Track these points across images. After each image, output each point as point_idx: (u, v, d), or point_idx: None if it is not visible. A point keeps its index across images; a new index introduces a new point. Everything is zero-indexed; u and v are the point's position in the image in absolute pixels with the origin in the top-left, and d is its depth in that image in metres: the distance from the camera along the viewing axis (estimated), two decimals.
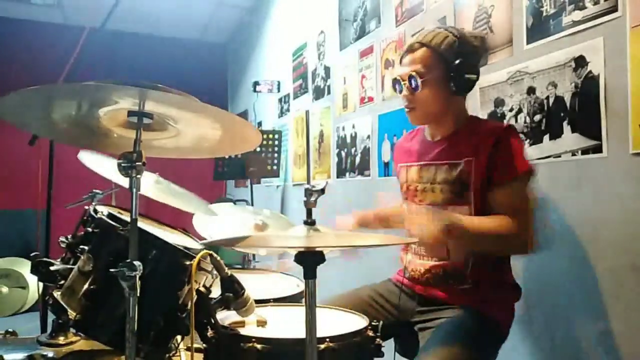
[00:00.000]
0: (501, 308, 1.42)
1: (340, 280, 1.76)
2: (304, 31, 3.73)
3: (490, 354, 1.38)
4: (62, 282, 1.22)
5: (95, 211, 1.26)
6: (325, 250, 0.93)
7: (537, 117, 1.66)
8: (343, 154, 3.08)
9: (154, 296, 1.14)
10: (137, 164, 1.03)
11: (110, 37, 5.09)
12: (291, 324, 1.21)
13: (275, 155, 3.83)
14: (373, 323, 1.15)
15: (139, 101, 1.02)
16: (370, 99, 2.75)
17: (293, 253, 0.93)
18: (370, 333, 1.12)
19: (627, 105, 1.37)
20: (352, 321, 1.21)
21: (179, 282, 1.20)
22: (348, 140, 3.01)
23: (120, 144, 1.18)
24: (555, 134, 1.59)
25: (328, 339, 1.03)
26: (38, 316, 2.24)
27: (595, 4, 1.46)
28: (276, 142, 3.83)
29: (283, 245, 1.07)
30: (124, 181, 1.06)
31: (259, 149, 3.72)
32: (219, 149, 1.39)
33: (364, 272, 1.66)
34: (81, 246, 1.20)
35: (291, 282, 1.75)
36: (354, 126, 2.94)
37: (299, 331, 0.98)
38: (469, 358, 1.27)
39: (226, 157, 3.72)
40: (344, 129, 3.07)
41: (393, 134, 2.51)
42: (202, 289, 1.18)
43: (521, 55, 1.72)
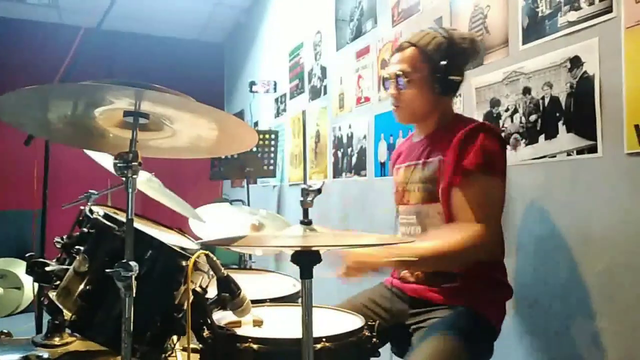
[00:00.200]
0: (492, 306, 1.42)
1: (336, 283, 1.75)
2: (301, 31, 3.73)
3: (482, 351, 1.39)
4: (58, 283, 1.22)
5: (91, 211, 1.26)
6: (323, 254, 0.93)
7: (533, 117, 1.66)
8: (339, 154, 3.09)
9: (150, 296, 1.14)
10: (133, 164, 1.03)
11: (107, 37, 5.08)
12: (287, 324, 1.21)
13: (272, 155, 3.83)
14: (369, 323, 1.15)
15: (135, 101, 1.02)
16: (367, 99, 2.75)
17: (289, 253, 0.93)
18: (367, 333, 1.12)
19: (622, 105, 1.37)
20: (349, 321, 1.21)
21: (175, 283, 1.20)
22: (344, 140, 3.01)
23: (116, 144, 1.18)
24: (551, 134, 1.59)
25: (324, 339, 1.03)
26: (33, 317, 2.23)
27: (591, 4, 1.46)
28: (272, 142, 3.83)
29: (279, 245, 1.07)
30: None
31: (255, 149, 3.72)
32: (215, 149, 1.38)
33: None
34: (77, 247, 1.19)
35: (287, 282, 1.75)
36: (350, 126, 2.94)
37: (295, 331, 0.98)
38: (459, 356, 1.28)
39: (222, 157, 3.71)
40: (340, 129, 3.07)
41: (389, 134, 2.52)
42: (199, 289, 1.18)
43: (517, 56, 1.73)
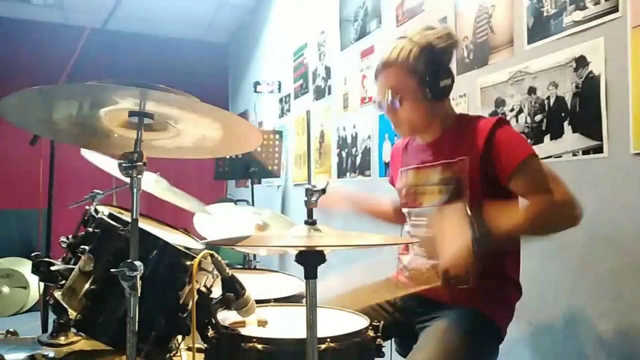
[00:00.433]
0: (501, 308, 1.41)
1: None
2: (305, 31, 3.73)
3: (487, 353, 1.38)
4: (63, 282, 1.22)
5: (96, 211, 1.26)
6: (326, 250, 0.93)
7: (538, 117, 1.66)
8: (344, 154, 3.08)
9: (154, 296, 1.14)
10: (138, 164, 1.04)
11: (112, 37, 5.10)
12: (292, 324, 1.21)
13: (276, 155, 3.84)
14: (374, 323, 1.15)
15: (139, 101, 1.02)
16: (371, 99, 2.74)
17: (294, 253, 0.93)
18: (371, 333, 1.12)
19: (628, 105, 1.36)
20: (353, 321, 1.21)
21: (180, 282, 1.20)
22: (349, 140, 3.01)
23: (121, 144, 1.18)
24: (556, 134, 1.59)
25: (329, 339, 1.03)
26: (39, 316, 2.25)
27: (596, 4, 1.46)
28: (277, 142, 3.83)
29: (284, 245, 1.07)
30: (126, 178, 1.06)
31: (259, 149, 3.72)
32: (219, 149, 1.38)
33: (363, 274, 1.67)
34: (82, 246, 1.20)
35: (292, 282, 1.75)
36: (354, 126, 2.94)
37: (299, 331, 0.98)
38: (464, 357, 1.27)
39: (227, 157, 3.72)
40: (344, 129, 3.07)
41: (394, 135, 2.51)
42: (203, 289, 1.18)
43: (522, 56, 1.72)
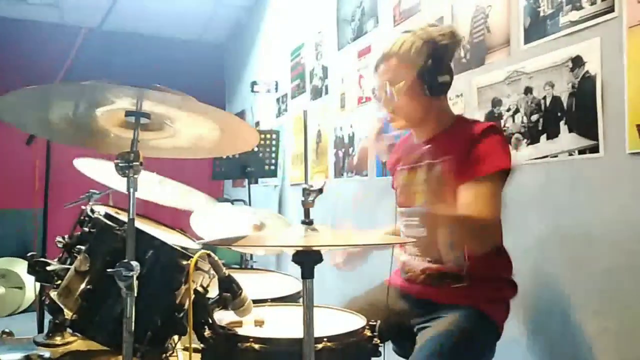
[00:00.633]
0: (497, 305, 1.42)
1: (338, 283, 1.76)
2: (302, 31, 3.73)
3: (485, 352, 1.39)
4: (59, 282, 1.22)
5: (93, 211, 1.26)
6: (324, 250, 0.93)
7: (534, 117, 1.66)
8: (341, 154, 3.08)
9: (151, 296, 1.14)
10: (135, 164, 1.03)
11: (108, 37, 5.07)
12: (289, 324, 1.21)
13: (273, 155, 3.83)
14: (371, 323, 1.15)
15: (136, 101, 1.02)
16: (368, 99, 2.75)
17: (291, 253, 0.93)
18: (368, 333, 1.13)
19: (624, 105, 1.37)
20: (350, 321, 1.21)
21: (177, 282, 1.20)
22: (346, 140, 3.01)
23: (118, 144, 1.18)
24: (552, 134, 1.59)
25: (325, 339, 1.03)
26: (35, 316, 2.24)
27: (592, 4, 1.46)
28: (274, 142, 3.83)
29: (281, 245, 1.07)
30: (118, 185, 1.06)
31: (256, 149, 3.72)
32: (216, 149, 1.38)
33: (360, 274, 1.67)
34: (78, 246, 1.20)
35: (288, 282, 1.75)
36: (351, 126, 2.94)
37: (296, 331, 0.98)
38: (463, 356, 1.28)
39: (224, 157, 3.71)
40: (341, 128, 3.07)
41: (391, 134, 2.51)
42: (200, 288, 1.18)
43: (518, 55, 1.73)
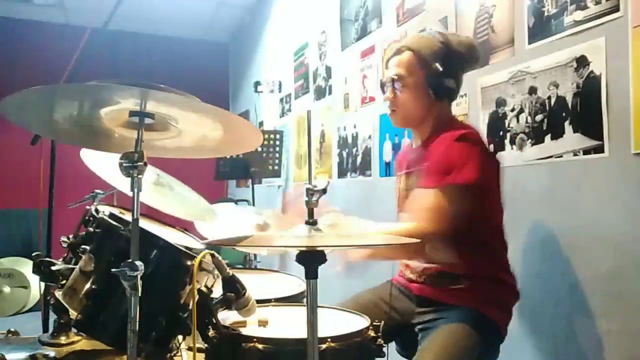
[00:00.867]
0: (498, 308, 1.42)
1: (341, 281, 1.76)
2: (306, 31, 3.73)
3: (487, 353, 1.38)
4: (64, 282, 1.22)
5: (97, 211, 1.26)
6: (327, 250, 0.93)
7: (539, 117, 1.65)
8: (344, 154, 3.08)
9: (155, 296, 1.14)
10: (139, 164, 1.04)
11: (112, 37, 5.10)
12: (292, 324, 1.21)
13: (277, 155, 3.83)
14: (375, 323, 1.15)
15: (140, 101, 1.03)
16: (372, 99, 2.75)
17: (294, 253, 0.93)
18: (372, 333, 1.12)
19: (629, 105, 1.36)
20: (354, 321, 1.21)
21: (181, 282, 1.20)
22: (349, 140, 3.01)
23: (122, 144, 1.18)
24: (557, 134, 1.59)
25: (329, 339, 1.03)
26: (40, 316, 2.24)
27: (597, 3, 1.45)
28: (277, 142, 3.83)
29: (284, 245, 1.07)
30: (122, 186, 1.06)
31: (260, 149, 3.72)
32: (220, 149, 1.39)
33: (365, 273, 1.67)
34: (83, 246, 1.20)
35: (292, 282, 1.75)
36: (355, 126, 2.94)
37: (300, 331, 0.98)
38: (465, 357, 1.28)
39: (227, 157, 3.72)
40: (345, 129, 3.07)
41: (394, 134, 2.51)
42: (204, 288, 1.18)
43: (523, 55, 1.72)
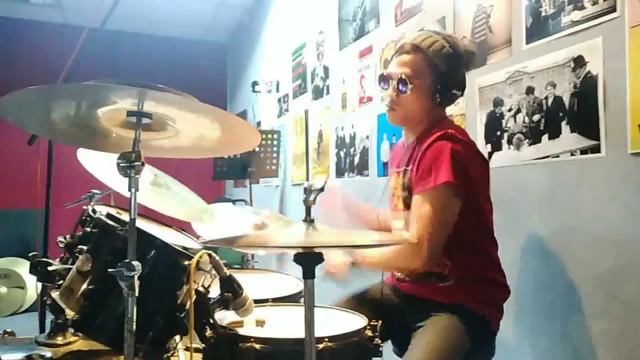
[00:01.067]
0: (488, 305, 1.42)
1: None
2: (303, 31, 3.73)
3: (481, 350, 1.39)
4: (61, 282, 1.22)
5: (94, 211, 1.26)
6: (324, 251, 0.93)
7: (536, 117, 1.66)
8: (342, 154, 3.08)
9: (152, 296, 1.14)
10: (136, 163, 1.03)
11: (112, 37, 5.09)
12: (290, 324, 1.21)
13: (275, 155, 3.83)
14: (372, 323, 1.15)
15: (138, 101, 1.02)
16: (370, 99, 2.75)
17: (292, 253, 0.93)
18: (369, 333, 1.12)
19: (626, 105, 1.37)
20: (351, 321, 1.21)
21: (178, 282, 1.20)
22: (347, 140, 3.01)
23: (119, 144, 1.18)
24: (554, 134, 1.59)
25: (327, 339, 1.03)
26: (36, 316, 2.24)
27: (594, 4, 1.46)
28: (275, 142, 3.83)
29: (282, 245, 1.07)
30: (118, 186, 1.06)
31: (258, 149, 3.72)
32: (218, 149, 1.39)
33: (361, 273, 1.67)
34: (80, 246, 1.20)
35: (290, 282, 1.75)
36: (353, 126, 2.94)
37: (297, 331, 0.98)
38: (459, 355, 1.29)
39: (225, 157, 3.71)
40: (343, 129, 3.07)
41: (392, 134, 2.51)
42: (201, 288, 1.18)
43: (520, 55, 1.72)
